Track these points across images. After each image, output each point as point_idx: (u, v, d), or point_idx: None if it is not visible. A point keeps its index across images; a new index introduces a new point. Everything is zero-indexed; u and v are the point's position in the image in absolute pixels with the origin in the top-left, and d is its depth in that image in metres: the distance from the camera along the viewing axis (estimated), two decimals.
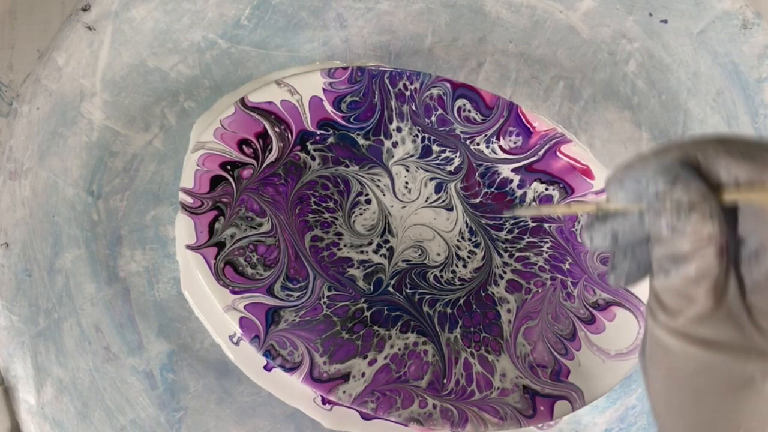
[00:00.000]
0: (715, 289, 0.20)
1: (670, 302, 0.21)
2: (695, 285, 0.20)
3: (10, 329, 0.37)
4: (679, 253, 0.20)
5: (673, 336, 0.21)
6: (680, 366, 0.21)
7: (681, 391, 0.22)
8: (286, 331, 0.33)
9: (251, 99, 0.35)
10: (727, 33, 0.42)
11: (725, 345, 0.20)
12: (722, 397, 0.21)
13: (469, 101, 0.36)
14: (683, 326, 0.21)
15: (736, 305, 0.20)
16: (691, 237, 0.20)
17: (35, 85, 0.39)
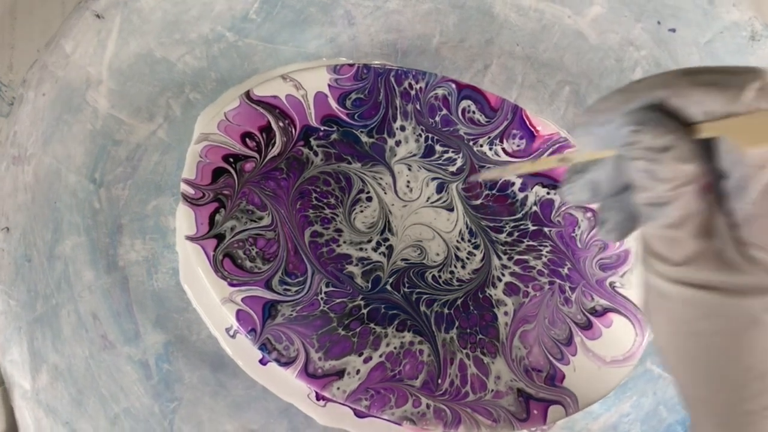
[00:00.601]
0: (700, 230, 0.19)
1: (659, 248, 0.20)
2: (680, 228, 0.19)
3: (7, 314, 0.37)
4: (660, 197, 0.19)
5: (668, 282, 0.20)
6: (680, 312, 0.21)
7: (686, 338, 0.21)
8: (283, 326, 0.33)
9: (256, 93, 0.35)
10: (735, 44, 0.42)
11: (721, 284, 0.19)
12: (728, 339, 0.20)
13: (473, 102, 0.36)
14: (676, 271, 0.20)
15: (728, 242, 0.19)
16: (669, 180, 0.19)
17: (42, 71, 0.39)
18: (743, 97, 0.17)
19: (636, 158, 0.19)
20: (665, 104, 0.19)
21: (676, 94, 0.19)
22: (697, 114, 0.19)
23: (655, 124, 0.19)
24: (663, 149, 0.18)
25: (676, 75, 0.19)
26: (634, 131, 0.19)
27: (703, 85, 0.18)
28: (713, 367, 0.21)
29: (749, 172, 0.18)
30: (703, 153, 0.19)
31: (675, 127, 0.19)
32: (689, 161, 0.18)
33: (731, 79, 0.18)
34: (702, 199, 0.19)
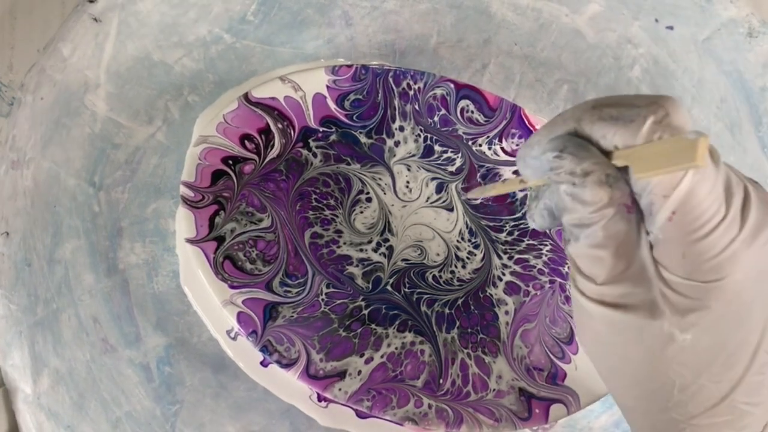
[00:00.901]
0: (620, 251, 0.20)
1: (584, 267, 0.21)
2: (603, 248, 0.20)
3: (8, 318, 0.37)
4: (582, 218, 0.20)
5: (590, 300, 0.21)
6: (602, 329, 0.21)
7: (610, 353, 0.22)
8: (284, 327, 0.33)
9: (255, 94, 0.35)
10: (733, 41, 0.42)
11: (638, 304, 0.20)
12: (647, 355, 0.21)
13: (472, 102, 0.36)
14: (598, 290, 0.21)
15: (649, 262, 0.20)
16: (591, 203, 0.20)
17: (40, 75, 0.39)
18: (640, 131, 0.19)
19: (560, 182, 0.20)
20: (582, 133, 0.20)
21: (584, 126, 0.20)
22: (606, 146, 0.20)
23: (575, 149, 0.20)
24: (584, 174, 0.20)
25: (585, 108, 0.20)
26: (556, 157, 0.20)
27: (607, 119, 0.19)
28: (636, 380, 0.22)
29: (655, 199, 0.19)
30: (623, 176, 0.20)
31: (594, 152, 0.20)
32: (608, 185, 0.20)
33: (630, 113, 0.19)
34: (624, 220, 0.20)
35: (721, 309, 0.20)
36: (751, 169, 0.41)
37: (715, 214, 0.19)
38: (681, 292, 0.20)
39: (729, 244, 0.19)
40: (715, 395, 0.21)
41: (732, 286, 0.19)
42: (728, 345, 0.20)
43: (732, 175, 0.20)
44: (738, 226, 0.19)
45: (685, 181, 0.18)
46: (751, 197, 0.20)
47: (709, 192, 0.19)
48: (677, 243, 0.19)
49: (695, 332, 0.20)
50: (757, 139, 0.42)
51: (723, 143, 0.41)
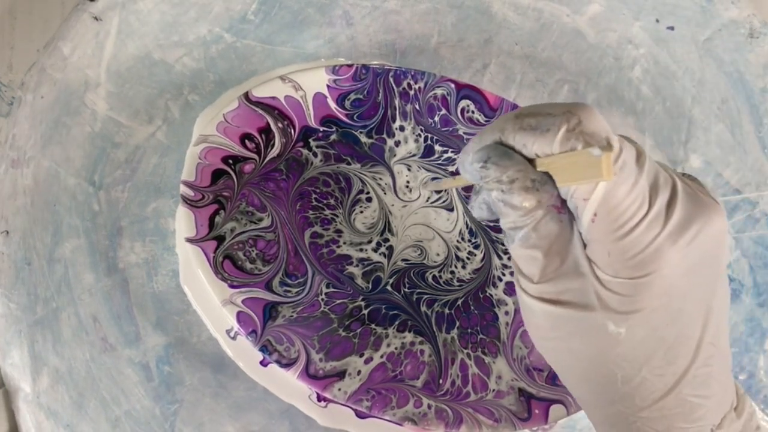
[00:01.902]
0: (553, 250, 0.21)
1: (522, 267, 0.22)
2: (536, 248, 0.21)
3: (8, 317, 0.37)
4: (515, 222, 0.21)
5: (531, 297, 0.22)
6: (544, 324, 0.22)
7: (554, 347, 0.23)
8: (283, 327, 0.33)
9: (255, 94, 0.35)
10: (734, 41, 0.42)
11: (575, 300, 0.21)
12: (587, 348, 0.22)
13: (472, 102, 0.36)
14: (536, 288, 0.22)
15: (584, 259, 0.21)
16: (520, 208, 0.21)
17: (40, 74, 0.39)
18: (555, 140, 0.19)
19: (490, 190, 0.22)
20: (506, 143, 0.21)
21: (507, 136, 0.21)
22: (528, 154, 0.21)
23: (498, 158, 0.21)
24: (510, 181, 0.21)
25: (508, 118, 0.21)
26: (482, 167, 0.21)
27: (526, 129, 0.20)
28: (584, 374, 0.23)
29: (577, 203, 0.20)
30: (550, 180, 0.21)
31: (518, 160, 0.21)
32: (535, 189, 0.21)
33: (547, 122, 0.20)
34: (554, 221, 0.21)
35: (651, 304, 0.20)
36: (751, 170, 0.41)
37: (637, 212, 0.19)
38: (611, 289, 0.20)
39: (653, 240, 0.20)
40: (659, 388, 0.21)
41: (660, 282, 0.20)
42: (666, 338, 0.21)
43: (661, 172, 0.21)
44: (661, 223, 0.20)
45: (600, 185, 0.19)
46: (678, 194, 0.20)
47: (629, 192, 0.19)
48: (603, 242, 0.20)
49: (628, 326, 0.20)
50: (757, 140, 0.42)
51: (723, 144, 0.41)
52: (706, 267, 0.21)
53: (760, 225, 0.41)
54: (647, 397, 0.21)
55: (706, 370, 0.21)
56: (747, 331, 0.40)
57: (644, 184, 0.20)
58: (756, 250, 0.40)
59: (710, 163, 0.41)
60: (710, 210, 0.20)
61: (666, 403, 0.21)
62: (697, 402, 0.21)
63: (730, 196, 0.41)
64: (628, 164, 0.19)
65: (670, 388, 0.21)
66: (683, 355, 0.21)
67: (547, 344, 0.23)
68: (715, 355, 0.22)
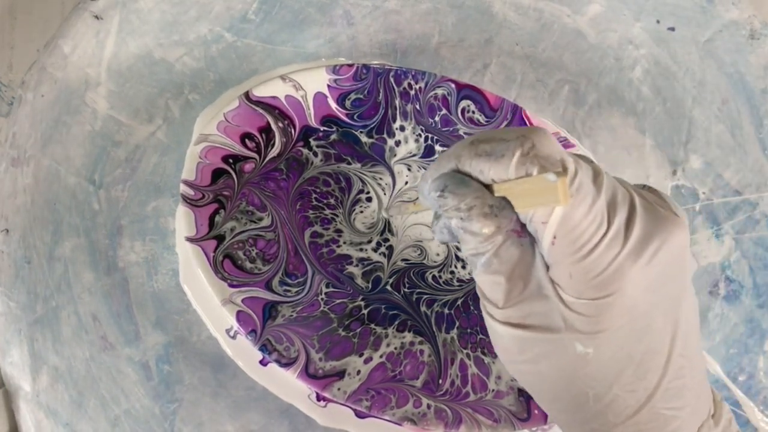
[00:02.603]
0: (515, 274, 0.21)
1: (487, 292, 0.22)
2: (498, 274, 0.21)
3: (7, 315, 0.37)
4: (476, 248, 0.21)
5: (497, 322, 0.22)
6: (513, 348, 0.22)
7: (525, 371, 0.23)
8: (283, 327, 0.33)
9: (255, 93, 0.35)
10: (734, 42, 0.42)
11: (540, 323, 0.21)
12: (555, 369, 0.22)
13: (473, 102, 0.36)
14: (501, 313, 0.22)
15: (547, 281, 0.21)
16: (479, 234, 0.21)
17: (40, 73, 0.39)
18: (510, 165, 0.19)
19: (449, 218, 0.21)
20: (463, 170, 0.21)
21: (464, 163, 0.21)
22: (485, 180, 0.21)
23: (455, 186, 0.21)
24: (468, 208, 0.21)
25: (464, 145, 0.21)
26: (439, 196, 0.21)
27: (482, 155, 0.20)
28: (555, 395, 0.23)
29: (537, 227, 0.20)
30: (509, 205, 0.21)
31: (475, 187, 0.21)
32: (494, 215, 0.20)
33: (501, 148, 0.20)
34: (515, 245, 0.21)
35: (617, 323, 0.20)
36: (751, 171, 0.41)
37: (595, 233, 0.19)
38: (576, 310, 0.20)
39: (613, 259, 0.19)
40: (631, 404, 0.21)
41: (623, 301, 0.20)
42: (634, 355, 0.21)
43: (619, 190, 0.20)
44: (621, 242, 0.20)
45: (558, 207, 0.19)
46: (636, 211, 0.20)
47: (587, 213, 0.19)
48: (564, 264, 0.20)
49: (596, 346, 0.20)
50: (758, 141, 0.42)
51: (724, 145, 0.41)
52: (670, 281, 0.21)
53: (760, 226, 0.41)
54: (620, 414, 0.21)
55: (678, 383, 0.21)
56: (747, 332, 0.40)
57: (602, 204, 0.20)
58: (756, 252, 0.40)
59: (710, 164, 0.41)
60: (670, 225, 0.20)
61: (640, 418, 0.21)
62: (671, 414, 0.21)
63: (730, 197, 0.41)
64: (584, 185, 0.19)
65: (643, 403, 0.21)
66: (653, 370, 0.21)
67: (517, 367, 0.23)
68: (686, 366, 0.21)
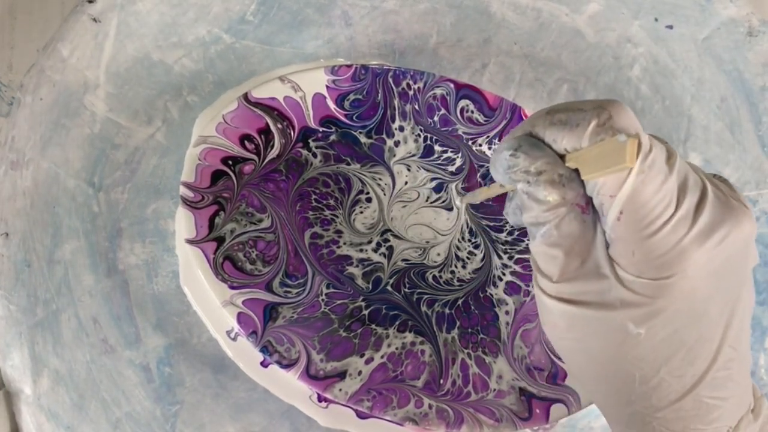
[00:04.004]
0: (574, 250, 0.21)
1: (542, 265, 0.22)
2: (556, 247, 0.21)
3: (8, 319, 0.37)
4: (538, 217, 0.21)
5: (549, 297, 0.22)
6: (561, 324, 0.22)
7: (571, 347, 0.23)
8: (284, 328, 0.33)
9: (254, 94, 0.35)
10: (733, 40, 0.42)
11: (592, 300, 0.21)
12: (605, 348, 0.21)
13: (472, 102, 0.36)
14: (555, 287, 0.22)
15: (605, 261, 0.21)
16: (544, 202, 0.21)
17: (39, 76, 0.39)
18: (585, 134, 0.19)
19: (517, 180, 0.21)
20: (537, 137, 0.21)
21: (538, 131, 0.21)
22: (558, 149, 0.21)
23: (529, 148, 0.21)
24: (537, 172, 0.20)
25: (540, 114, 0.21)
26: (511, 155, 0.21)
27: (557, 124, 0.20)
28: (601, 374, 0.22)
29: (604, 200, 0.20)
30: (577, 178, 0.21)
31: (547, 152, 0.21)
32: (561, 184, 0.20)
33: (577, 117, 0.20)
34: (577, 220, 0.21)
35: (674, 305, 0.20)
36: (750, 168, 0.41)
37: (663, 212, 0.19)
38: (634, 290, 0.20)
39: (679, 241, 0.19)
40: (677, 389, 0.21)
41: (683, 284, 0.20)
42: (686, 340, 0.21)
43: (691, 174, 0.20)
44: (688, 225, 0.19)
45: (629, 181, 0.19)
46: (707, 197, 0.20)
47: (656, 191, 0.19)
48: (628, 241, 0.20)
49: (649, 327, 0.20)
50: (757, 138, 0.42)
51: (723, 143, 0.41)
52: (732, 271, 0.21)
53: (759, 223, 0.41)
54: (664, 398, 0.21)
55: (724, 373, 0.21)
56: None
57: (673, 184, 0.19)
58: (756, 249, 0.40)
59: (709, 161, 0.41)
60: (739, 214, 0.20)
61: (683, 404, 0.21)
62: (714, 404, 0.21)
63: None
64: (657, 163, 0.19)
65: (688, 389, 0.21)
66: (703, 358, 0.21)
67: (563, 344, 0.23)
68: (734, 358, 0.21)
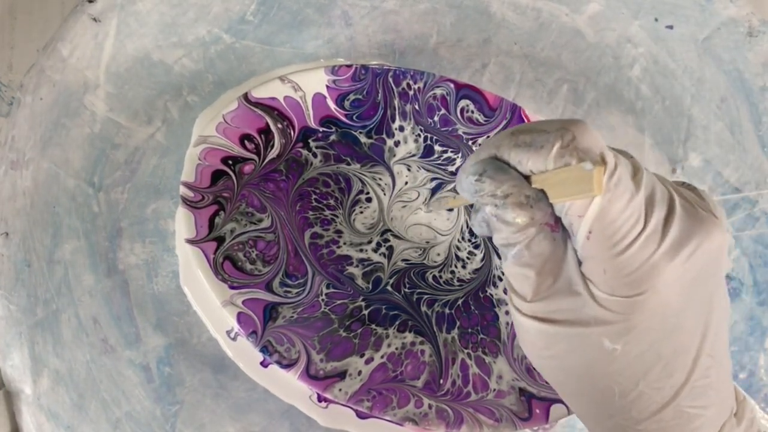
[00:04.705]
0: (545, 269, 0.21)
1: (516, 285, 0.22)
2: (528, 267, 0.21)
3: (8, 319, 0.37)
4: (508, 239, 0.21)
5: (524, 316, 0.22)
6: (539, 343, 0.22)
7: (551, 366, 0.23)
8: (284, 328, 0.33)
9: (254, 94, 0.35)
10: (733, 40, 0.42)
11: (566, 318, 0.21)
12: (582, 364, 0.21)
13: (472, 102, 0.36)
14: (528, 306, 0.22)
15: (578, 278, 0.21)
16: (513, 224, 0.21)
17: (39, 76, 0.39)
18: (549, 156, 0.19)
19: (484, 204, 0.21)
20: (502, 160, 0.21)
21: (503, 153, 0.21)
22: (524, 171, 0.21)
23: (494, 172, 0.21)
24: (504, 195, 0.20)
25: (504, 135, 0.21)
26: (477, 180, 0.21)
27: (521, 146, 0.20)
28: (580, 390, 0.23)
29: (572, 220, 0.20)
30: (545, 198, 0.21)
31: (513, 175, 0.21)
32: (529, 206, 0.20)
33: (541, 139, 0.20)
34: (547, 239, 0.21)
35: (647, 321, 0.20)
36: (750, 168, 0.41)
37: (632, 229, 0.19)
38: (607, 307, 0.20)
39: (649, 257, 0.19)
40: (657, 401, 0.21)
41: (655, 299, 0.20)
42: (663, 353, 0.21)
43: (658, 187, 0.20)
44: (658, 240, 0.19)
45: (595, 201, 0.19)
46: (675, 210, 0.20)
47: (624, 208, 0.19)
48: (598, 260, 0.20)
49: (624, 343, 0.20)
50: (757, 139, 0.42)
51: (723, 143, 0.41)
52: (704, 282, 0.21)
53: (759, 223, 0.41)
54: (645, 410, 0.21)
55: (704, 382, 0.21)
56: (747, 329, 0.40)
57: (640, 201, 0.19)
58: (756, 249, 0.40)
59: (710, 161, 0.41)
60: (708, 226, 0.20)
61: (664, 415, 0.21)
62: (695, 413, 0.21)
63: (729, 194, 0.41)
64: (623, 180, 0.19)
65: (668, 401, 0.21)
66: (680, 369, 0.21)
67: (542, 362, 0.23)
68: (713, 366, 0.21)
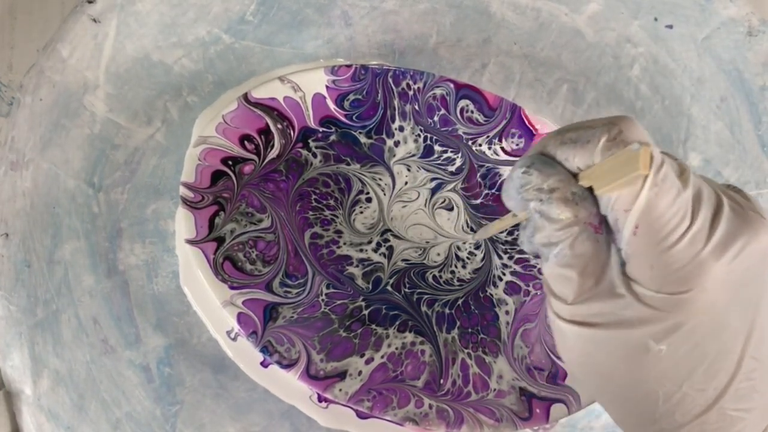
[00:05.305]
0: (587, 270, 0.21)
1: (556, 287, 0.22)
2: (570, 268, 0.21)
3: (8, 319, 0.37)
4: (550, 237, 0.21)
5: (564, 321, 0.22)
6: (579, 348, 0.22)
7: (591, 371, 0.22)
8: (284, 328, 0.33)
9: (254, 95, 0.35)
10: (733, 40, 0.42)
11: (609, 321, 0.21)
12: (625, 368, 0.21)
13: (472, 102, 0.36)
14: (569, 310, 0.21)
15: (619, 278, 0.21)
16: (557, 221, 0.20)
17: (39, 76, 0.39)
18: (596, 150, 0.20)
19: (529, 199, 0.21)
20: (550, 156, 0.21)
21: (551, 151, 0.21)
22: (571, 167, 0.21)
23: (542, 165, 0.21)
24: (550, 190, 0.20)
25: (551, 135, 0.21)
26: (524, 172, 0.21)
27: (567, 143, 0.20)
28: (621, 395, 0.22)
29: (618, 215, 0.20)
30: (590, 197, 0.21)
31: (560, 170, 0.21)
32: (574, 203, 0.20)
33: (587, 134, 0.20)
34: (590, 240, 0.21)
35: (693, 320, 0.20)
36: (750, 168, 0.41)
37: (679, 225, 0.19)
38: (653, 305, 0.20)
39: (696, 255, 0.19)
40: (700, 403, 0.21)
41: (702, 297, 0.19)
42: (708, 353, 0.20)
43: (705, 187, 0.20)
44: (705, 238, 0.19)
45: (643, 194, 0.19)
46: (723, 209, 0.20)
47: (671, 204, 0.19)
48: (645, 256, 0.20)
49: (670, 343, 0.20)
50: (756, 138, 0.42)
51: (723, 142, 0.41)
52: (751, 282, 0.20)
53: None
54: (688, 413, 0.21)
55: (747, 384, 0.21)
56: None
57: (687, 198, 0.19)
58: None
59: (709, 161, 0.41)
60: (756, 225, 0.20)
61: (707, 418, 0.21)
62: (737, 416, 0.21)
63: None
64: (669, 176, 0.19)
65: (711, 403, 0.21)
66: (725, 370, 0.21)
67: (581, 369, 0.23)
68: (757, 368, 0.21)
